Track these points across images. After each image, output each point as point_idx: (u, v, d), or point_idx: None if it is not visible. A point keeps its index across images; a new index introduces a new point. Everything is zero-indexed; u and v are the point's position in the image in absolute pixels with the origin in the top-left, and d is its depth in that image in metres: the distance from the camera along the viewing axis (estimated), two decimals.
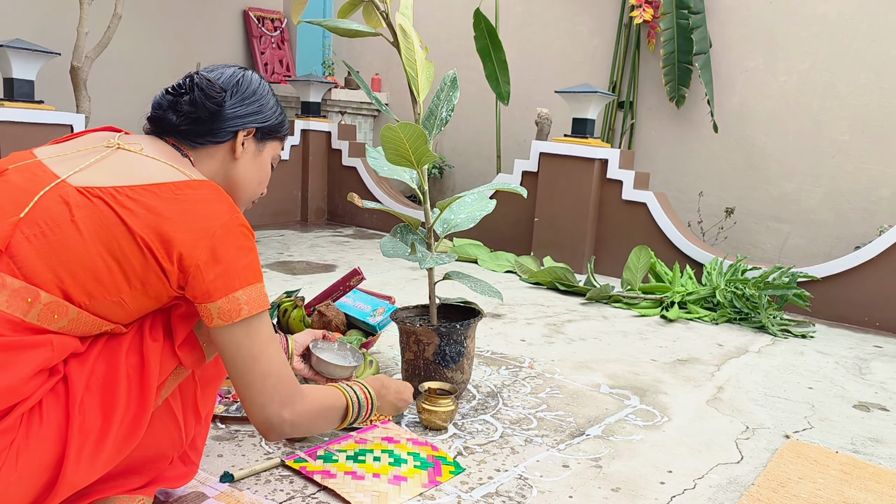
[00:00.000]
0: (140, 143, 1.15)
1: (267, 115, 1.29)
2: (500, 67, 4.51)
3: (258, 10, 6.33)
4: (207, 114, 1.20)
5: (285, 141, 1.38)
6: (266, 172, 1.34)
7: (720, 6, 4.70)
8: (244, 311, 1.08)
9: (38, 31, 4.77)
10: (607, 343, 2.80)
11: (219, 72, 1.26)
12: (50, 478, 1.00)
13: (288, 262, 3.97)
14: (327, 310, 2.30)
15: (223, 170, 1.26)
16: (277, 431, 1.18)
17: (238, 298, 1.07)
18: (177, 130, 1.21)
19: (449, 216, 2.05)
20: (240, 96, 1.25)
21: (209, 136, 1.22)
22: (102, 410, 1.04)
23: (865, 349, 3.00)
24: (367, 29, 1.87)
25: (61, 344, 1.03)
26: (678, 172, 5.00)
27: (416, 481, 1.51)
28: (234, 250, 1.08)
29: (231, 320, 1.08)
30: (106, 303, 1.06)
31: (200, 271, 1.05)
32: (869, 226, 4.27)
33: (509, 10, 5.57)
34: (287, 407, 1.16)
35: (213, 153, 1.24)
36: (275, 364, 1.14)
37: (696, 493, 1.60)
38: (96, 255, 1.02)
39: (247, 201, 1.33)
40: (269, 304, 1.13)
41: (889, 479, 1.72)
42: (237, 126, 1.24)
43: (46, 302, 1.01)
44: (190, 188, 1.09)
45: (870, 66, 4.22)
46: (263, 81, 1.32)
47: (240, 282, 1.08)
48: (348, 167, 5.46)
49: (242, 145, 1.25)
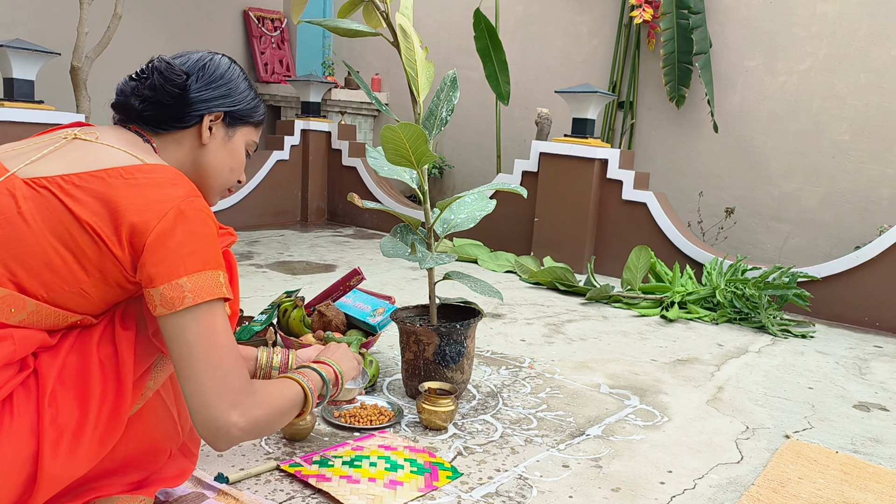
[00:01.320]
0: (96, 132, 1.12)
1: (237, 99, 1.24)
2: (500, 67, 4.51)
3: (258, 10, 6.33)
4: (169, 98, 1.17)
5: (260, 127, 1.32)
6: (239, 159, 1.29)
7: (720, 6, 4.70)
8: (188, 298, 1.01)
9: (38, 31, 4.77)
10: (607, 343, 2.80)
11: (185, 57, 1.23)
12: (30, 473, 0.99)
13: (288, 262, 3.97)
14: (327, 310, 2.30)
15: (191, 156, 1.22)
16: (224, 436, 1.03)
17: (181, 286, 1.01)
18: (140, 116, 1.18)
19: (449, 216, 2.05)
20: (205, 80, 1.21)
21: (173, 121, 1.19)
22: (78, 402, 1.03)
23: (865, 349, 3.00)
24: (367, 29, 1.87)
25: (23, 338, 1.01)
26: (678, 172, 5.00)
27: (412, 486, 1.50)
28: (183, 235, 1.03)
29: (173, 308, 1.01)
30: (66, 294, 1.04)
31: (146, 254, 1.02)
32: (869, 226, 4.27)
33: (509, 10, 5.57)
34: (237, 407, 1.03)
35: (179, 139, 1.21)
36: (226, 357, 1.04)
37: (696, 493, 1.60)
38: (48, 246, 1.01)
39: (220, 188, 1.29)
40: (223, 293, 1.05)
41: (889, 479, 1.72)
42: (202, 110, 1.20)
43: (1, 296, 1.00)
44: (141, 172, 1.06)
45: (870, 66, 4.22)
46: (234, 66, 1.27)
47: (185, 268, 1.02)
48: (348, 167, 5.46)
49: (210, 130, 1.22)
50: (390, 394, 2.07)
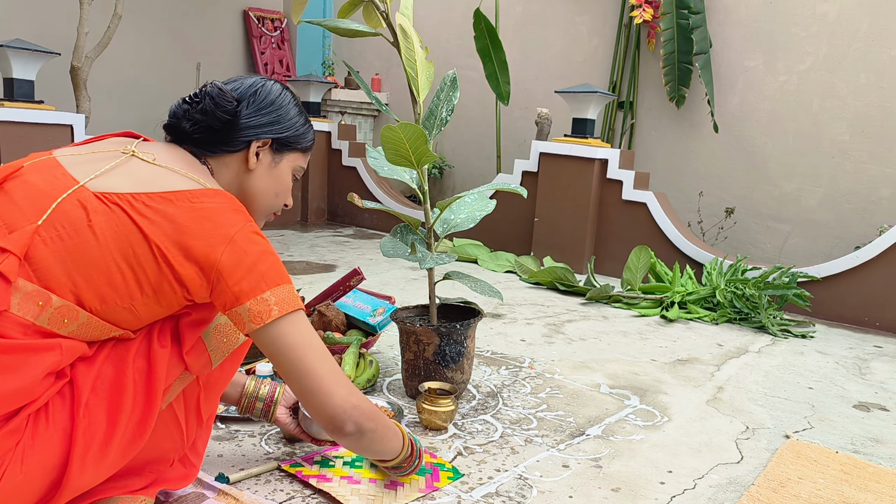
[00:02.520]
0: (153, 153, 1.14)
1: (285, 126, 1.26)
2: (500, 67, 4.51)
3: (258, 10, 6.33)
4: (219, 123, 1.19)
5: (308, 153, 1.34)
6: (285, 184, 1.30)
7: (720, 6, 4.70)
8: (274, 311, 1.06)
9: (38, 31, 4.77)
10: (607, 343, 2.80)
11: (238, 82, 1.25)
12: (55, 479, 1.01)
13: (288, 262, 3.97)
14: (327, 310, 2.30)
15: (237, 180, 1.24)
16: (352, 419, 1.12)
17: (266, 300, 1.06)
18: (190, 139, 1.21)
19: (449, 216, 2.05)
20: (256, 106, 1.23)
21: (222, 144, 1.21)
22: (108, 413, 1.05)
23: (865, 349, 3.00)
24: (368, 29, 1.87)
25: (70, 348, 1.03)
26: (678, 172, 5.00)
27: (412, 487, 1.50)
28: (256, 254, 1.08)
29: (263, 322, 1.06)
30: (117, 308, 1.06)
31: (223, 277, 1.05)
32: (869, 226, 4.27)
33: (509, 10, 5.57)
34: (353, 395, 1.12)
35: (227, 162, 1.23)
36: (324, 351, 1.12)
37: (696, 493, 1.60)
38: (111, 260, 1.03)
39: (264, 212, 1.31)
40: (301, 305, 1.11)
41: (889, 479, 1.72)
42: (250, 136, 1.22)
43: (58, 306, 1.01)
44: (206, 196, 1.09)
45: (870, 66, 4.22)
46: (286, 92, 1.29)
47: (266, 283, 1.07)
48: (348, 167, 5.47)
49: (257, 156, 1.24)
50: (390, 394, 2.07)
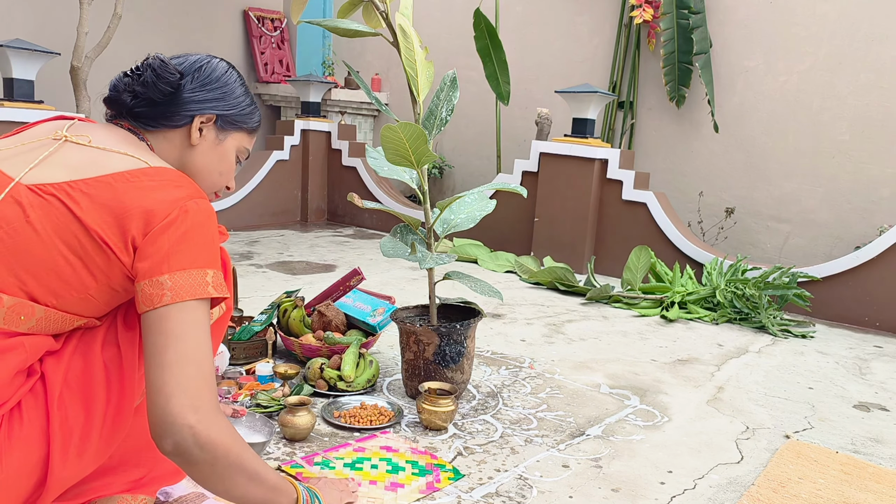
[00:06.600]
0: (88, 135, 1.10)
1: (231, 104, 1.23)
2: (500, 67, 4.51)
3: (258, 10, 6.33)
4: (161, 95, 1.17)
5: (254, 135, 1.31)
6: (229, 164, 1.27)
7: (720, 6, 4.70)
8: (166, 297, 0.98)
9: (38, 31, 4.77)
10: (607, 343, 2.80)
11: (183, 58, 1.23)
12: (39, 477, 1.00)
13: (288, 262, 3.97)
14: (327, 310, 2.30)
15: (180, 155, 1.21)
16: (176, 438, 0.93)
17: (161, 283, 0.98)
18: (131, 113, 1.18)
19: (449, 216, 2.05)
20: (200, 81, 1.20)
21: (164, 119, 1.18)
22: (84, 405, 1.03)
23: (865, 349, 3.00)
24: (367, 29, 1.87)
25: (34, 345, 1.02)
26: (678, 172, 5.00)
27: (413, 488, 1.50)
28: (176, 234, 1.01)
29: (151, 306, 0.98)
30: (73, 300, 1.04)
31: (139, 251, 1.01)
32: (869, 226, 4.27)
33: (509, 10, 5.57)
34: (199, 413, 0.94)
35: (169, 137, 1.20)
36: (199, 353, 0.98)
37: (696, 493, 1.60)
38: (57, 253, 1.00)
39: (206, 191, 1.26)
40: (206, 293, 1.01)
41: (889, 479, 1.72)
42: (194, 111, 1.19)
43: (10, 305, 0.99)
44: (146, 175, 1.05)
45: (870, 66, 4.22)
46: (232, 71, 1.27)
47: (168, 266, 0.99)
48: (348, 167, 5.46)
49: (200, 132, 1.21)
50: (390, 394, 2.07)
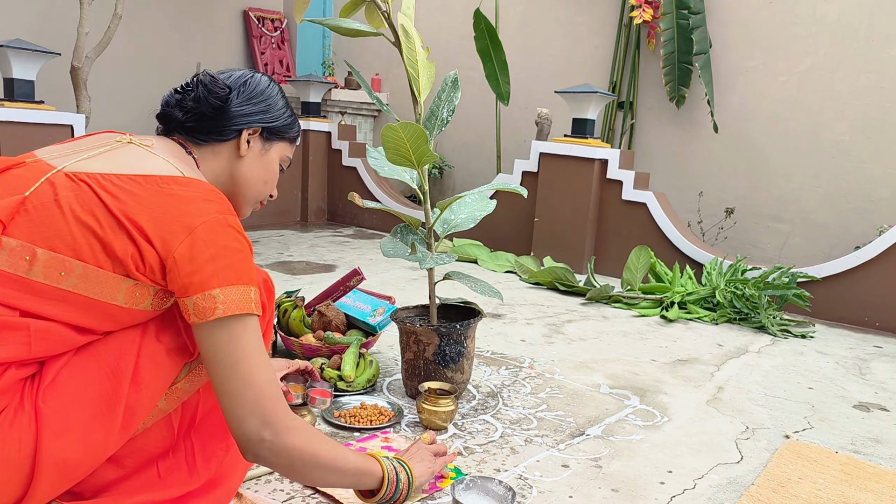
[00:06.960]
0: (153, 141, 1.19)
1: (274, 116, 1.31)
2: (500, 67, 4.51)
3: (258, 10, 6.33)
4: (211, 110, 1.24)
5: (295, 144, 1.40)
6: (273, 173, 1.36)
7: (720, 6, 4.70)
8: (219, 310, 1.04)
9: (38, 31, 4.77)
10: (607, 343, 2.80)
11: (228, 73, 1.30)
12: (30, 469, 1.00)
13: (288, 262, 3.97)
14: (327, 310, 2.30)
15: (228, 167, 1.29)
16: (255, 452, 1.06)
17: (214, 297, 1.04)
18: (182, 127, 1.25)
19: (449, 216, 2.05)
20: (246, 95, 1.28)
21: (213, 133, 1.26)
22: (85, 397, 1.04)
23: (865, 349, 3.00)
24: (369, 28, 1.87)
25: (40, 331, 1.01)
26: (678, 172, 5.00)
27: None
28: (216, 248, 1.06)
29: (205, 318, 1.04)
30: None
31: (178, 265, 1.05)
32: (869, 226, 4.27)
33: (509, 10, 5.57)
34: (269, 427, 1.05)
35: (218, 150, 1.27)
36: (256, 375, 1.06)
37: (696, 493, 1.60)
38: (78, 232, 1.04)
39: (253, 200, 1.35)
40: (252, 309, 1.07)
41: (889, 479, 1.72)
42: (242, 124, 1.27)
43: (45, 259, 1.01)
44: (177, 183, 1.09)
45: (870, 66, 4.22)
46: (274, 84, 1.35)
47: (217, 280, 1.05)
48: (348, 167, 5.47)
49: (248, 143, 1.28)
50: (390, 394, 2.08)
